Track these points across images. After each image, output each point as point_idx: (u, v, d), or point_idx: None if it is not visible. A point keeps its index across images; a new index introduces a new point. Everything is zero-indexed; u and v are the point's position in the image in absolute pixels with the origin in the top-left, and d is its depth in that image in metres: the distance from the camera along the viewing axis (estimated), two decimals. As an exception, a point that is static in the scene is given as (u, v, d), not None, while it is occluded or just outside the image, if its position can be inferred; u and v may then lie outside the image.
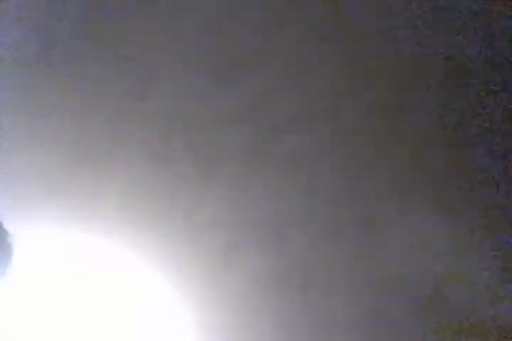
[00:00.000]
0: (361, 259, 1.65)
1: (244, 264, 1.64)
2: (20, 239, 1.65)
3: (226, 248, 1.65)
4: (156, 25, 1.73)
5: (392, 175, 1.68)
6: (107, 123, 1.69)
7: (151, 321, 1.63)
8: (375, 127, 1.70)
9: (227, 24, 1.73)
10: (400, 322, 1.63)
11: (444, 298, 1.63)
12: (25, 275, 1.64)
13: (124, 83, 1.71)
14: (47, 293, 1.64)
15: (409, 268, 1.65)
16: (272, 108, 1.70)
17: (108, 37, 1.72)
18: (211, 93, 1.71)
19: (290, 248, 1.65)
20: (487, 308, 1.63)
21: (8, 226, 1.65)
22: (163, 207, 1.66)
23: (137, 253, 1.65)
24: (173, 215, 1.66)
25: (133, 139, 1.69)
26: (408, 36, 1.72)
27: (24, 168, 1.68)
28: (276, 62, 1.72)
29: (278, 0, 1.73)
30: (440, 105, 1.71)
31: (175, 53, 1.72)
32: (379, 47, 1.73)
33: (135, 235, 1.65)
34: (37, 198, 1.67)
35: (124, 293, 1.64)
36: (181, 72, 1.71)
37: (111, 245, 1.65)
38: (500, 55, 1.65)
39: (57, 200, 1.66)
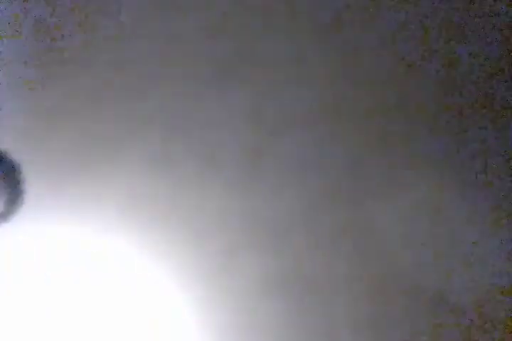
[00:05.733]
0: (361, 259, 1.65)
1: (245, 264, 1.65)
2: (20, 239, 1.65)
3: (227, 248, 1.65)
4: (156, 26, 1.73)
5: (392, 175, 1.69)
6: (106, 124, 1.69)
7: (151, 321, 1.64)
8: (375, 128, 1.70)
9: (226, 24, 1.73)
10: (400, 322, 1.64)
11: (446, 299, 1.64)
12: (24, 274, 1.64)
13: (124, 83, 1.71)
14: (46, 292, 1.64)
15: (410, 269, 1.65)
16: (271, 108, 1.70)
17: (108, 37, 1.72)
18: (211, 93, 1.71)
19: (290, 248, 1.66)
20: (487, 308, 1.64)
21: (7, 225, 1.65)
22: (163, 207, 1.66)
23: (137, 254, 1.65)
24: (174, 215, 1.66)
25: (133, 139, 1.69)
26: (406, 39, 1.73)
27: (24, 168, 1.68)
28: (276, 63, 1.72)
29: (278, 0, 1.73)
30: (440, 105, 1.71)
31: (175, 53, 1.72)
32: (379, 49, 1.73)
33: (135, 236, 1.65)
34: (36, 198, 1.66)
35: (124, 293, 1.64)
36: (181, 72, 1.71)
37: (111, 246, 1.65)
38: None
39: (57, 200, 1.66)
